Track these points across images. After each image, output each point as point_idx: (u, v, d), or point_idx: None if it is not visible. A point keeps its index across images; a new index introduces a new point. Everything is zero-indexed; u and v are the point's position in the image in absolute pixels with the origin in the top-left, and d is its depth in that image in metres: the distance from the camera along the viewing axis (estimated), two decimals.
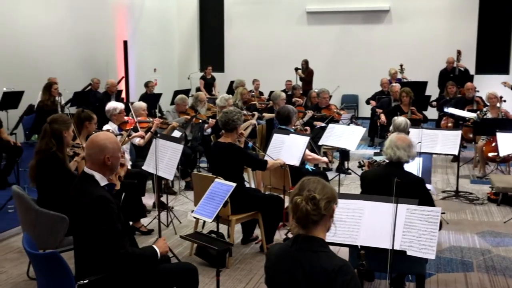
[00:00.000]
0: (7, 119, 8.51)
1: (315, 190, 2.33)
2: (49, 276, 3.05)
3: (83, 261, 3.10)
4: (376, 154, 5.02)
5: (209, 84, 14.22)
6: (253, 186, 7.24)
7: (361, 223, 3.34)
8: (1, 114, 7.79)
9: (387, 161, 4.11)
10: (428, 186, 4.38)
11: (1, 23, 10.23)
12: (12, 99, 8.65)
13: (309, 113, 8.74)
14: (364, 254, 3.28)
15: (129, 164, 6.20)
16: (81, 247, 3.12)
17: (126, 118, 6.65)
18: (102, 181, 3.14)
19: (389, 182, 3.92)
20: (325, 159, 6.71)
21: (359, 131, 7.24)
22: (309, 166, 6.67)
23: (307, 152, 5.99)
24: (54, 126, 4.46)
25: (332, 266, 2.24)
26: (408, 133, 5.38)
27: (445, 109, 9.52)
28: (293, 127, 6.50)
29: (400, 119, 5.64)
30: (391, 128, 5.74)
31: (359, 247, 3.28)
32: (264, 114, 8.77)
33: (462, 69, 12.18)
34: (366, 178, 4.18)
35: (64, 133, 4.51)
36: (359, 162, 4.72)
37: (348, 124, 8.15)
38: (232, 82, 12.97)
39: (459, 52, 12.12)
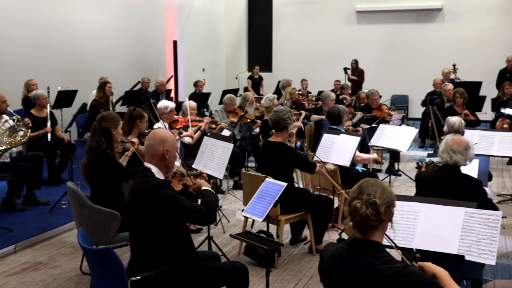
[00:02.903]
0: (61, 117, 8.72)
1: (375, 194, 2.24)
2: (102, 271, 3.10)
3: (140, 255, 3.14)
4: (430, 155, 4.85)
5: (256, 84, 14.24)
6: (301, 186, 7.18)
7: (416, 226, 3.24)
8: (55, 113, 7.99)
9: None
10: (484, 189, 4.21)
11: (59, 28, 10.59)
12: (66, 98, 8.87)
13: (359, 114, 8.55)
14: (420, 257, 3.20)
15: (178, 163, 6.25)
16: (139, 240, 3.16)
17: (176, 117, 6.71)
18: (159, 175, 3.19)
19: (445, 185, 3.81)
20: (374, 155, 6.58)
21: (411, 132, 7.09)
22: (359, 167, 6.56)
23: (357, 153, 5.89)
24: (103, 124, 4.50)
25: (396, 269, 2.16)
26: (463, 133, 5.20)
27: (502, 110, 9.20)
28: (344, 128, 6.39)
29: (454, 118, 5.43)
30: (445, 128, 5.56)
31: (415, 251, 3.19)
32: (313, 115, 8.63)
33: None
34: (420, 179, 4.04)
35: (113, 130, 4.54)
36: (417, 163, 4.58)
37: (400, 125, 7.98)
38: (279, 82, 12.93)
39: None
